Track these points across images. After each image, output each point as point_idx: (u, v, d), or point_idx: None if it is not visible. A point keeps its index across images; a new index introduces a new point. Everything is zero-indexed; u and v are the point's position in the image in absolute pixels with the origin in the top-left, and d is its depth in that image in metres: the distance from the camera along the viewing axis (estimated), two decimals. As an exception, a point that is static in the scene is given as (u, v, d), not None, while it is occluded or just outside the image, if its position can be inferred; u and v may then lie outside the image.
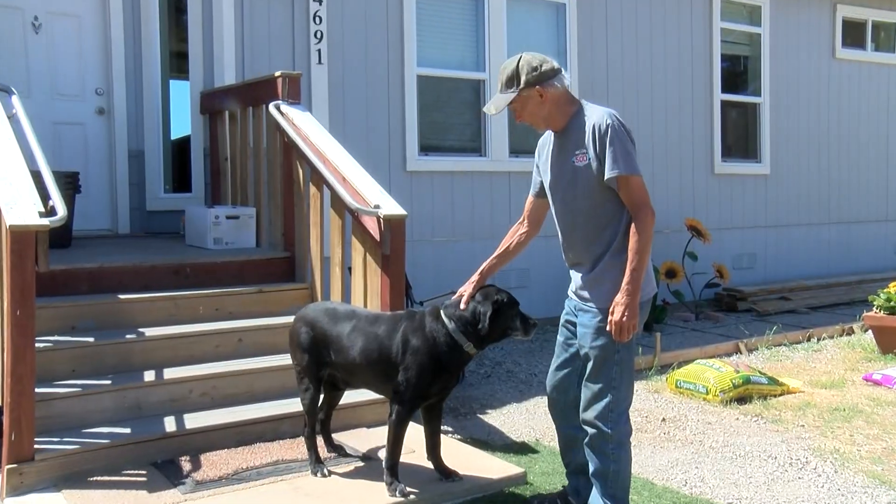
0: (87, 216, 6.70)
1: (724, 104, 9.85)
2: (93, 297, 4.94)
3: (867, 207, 11.30)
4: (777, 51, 10.29)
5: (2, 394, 3.91)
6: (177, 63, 7.53)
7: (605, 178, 3.36)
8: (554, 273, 3.81)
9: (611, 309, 3.38)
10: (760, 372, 6.22)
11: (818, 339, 7.89)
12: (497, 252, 3.83)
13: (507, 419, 5.57)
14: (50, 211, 4.05)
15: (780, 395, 5.99)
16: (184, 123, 7.38)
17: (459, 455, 4.28)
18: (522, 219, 3.84)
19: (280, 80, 5.74)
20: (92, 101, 7.00)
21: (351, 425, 4.69)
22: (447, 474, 3.99)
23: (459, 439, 4.91)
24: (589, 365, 3.52)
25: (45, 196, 4.15)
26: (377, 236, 4.81)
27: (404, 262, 4.89)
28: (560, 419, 3.78)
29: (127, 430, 4.24)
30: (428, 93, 7.87)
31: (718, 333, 8.20)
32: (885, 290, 7.28)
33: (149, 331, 4.86)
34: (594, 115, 3.43)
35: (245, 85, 6.41)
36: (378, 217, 4.75)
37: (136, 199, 7.08)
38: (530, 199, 3.81)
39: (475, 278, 3.80)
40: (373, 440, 4.47)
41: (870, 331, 7.54)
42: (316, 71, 7.13)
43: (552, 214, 3.68)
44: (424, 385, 3.73)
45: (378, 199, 4.83)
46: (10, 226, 3.74)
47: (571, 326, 3.66)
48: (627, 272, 3.34)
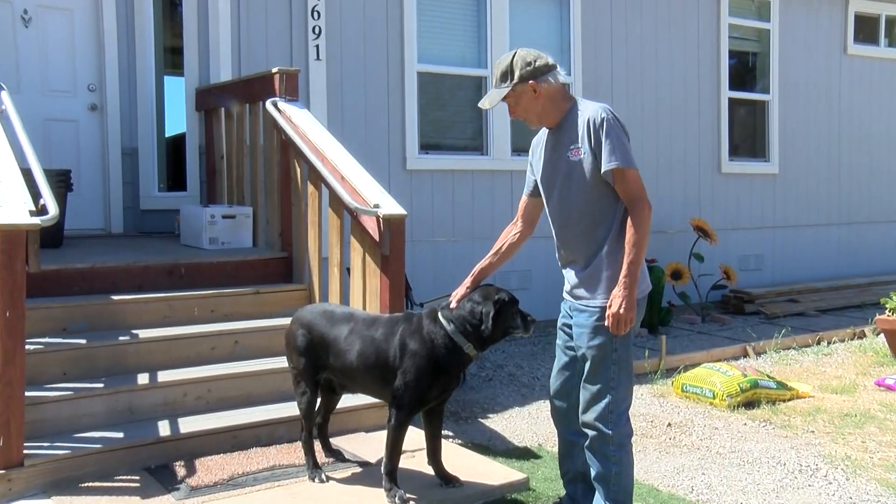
0: (80, 215, 6.70)
1: (732, 102, 9.83)
2: (85, 298, 4.94)
3: (878, 208, 11.29)
4: (786, 47, 10.29)
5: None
6: (171, 58, 7.54)
7: (602, 172, 3.40)
8: (556, 274, 3.80)
9: (608, 302, 3.40)
10: (769, 376, 6.21)
11: (828, 343, 7.88)
12: (490, 253, 3.85)
13: (509, 423, 5.56)
14: (41, 210, 4.04)
15: (790, 400, 5.99)
16: (179, 120, 7.39)
17: (460, 460, 4.27)
18: (516, 219, 3.86)
19: (277, 77, 5.74)
20: (84, 98, 7.00)
21: (349, 429, 4.68)
22: (448, 480, 3.98)
23: (460, 444, 4.91)
24: (586, 365, 3.53)
25: (36, 194, 4.14)
26: (376, 236, 4.80)
27: (404, 263, 4.89)
28: (563, 424, 3.78)
29: (120, 435, 4.23)
30: (428, 90, 7.86)
31: (725, 336, 8.19)
32: (898, 293, 7.27)
33: (142, 332, 4.85)
34: (588, 110, 3.47)
35: (241, 81, 6.41)
36: (377, 217, 4.75)
37: (130, 198, 7.09)
38: (524, 199, 3.83)
39: (468, 281, 3.81)
40: (372, 445, 4.46)
41: (882, 334, 7.52)
42: (314, 67, 7.12)
43: (546, 213, 3.70)
44: (423, 389, 3.72)
45: (377, 199, 4.83)
46: (0, 225, 3.74)
47: (569, 329, 3.67)
48: (624, 265, 3.37)
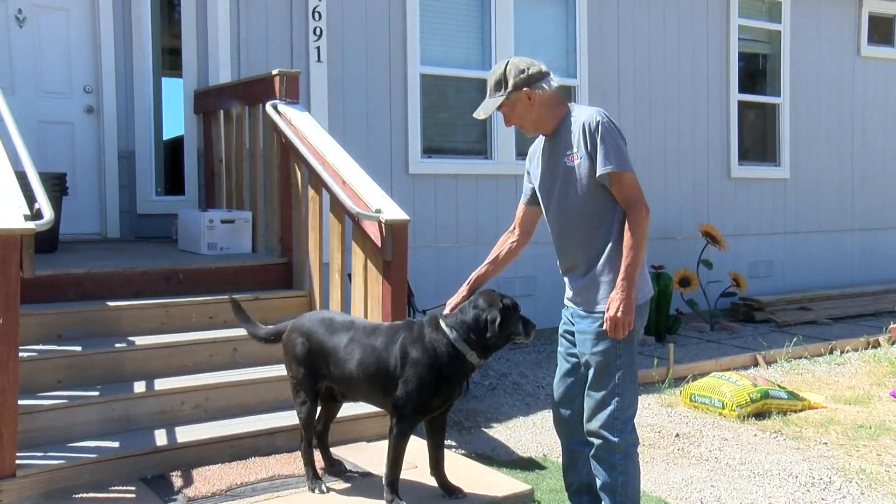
0: (75, 219, 6.71)
1: (742, 105, 9.83)
2: (80, 305, 4.94)
3: (894, 213, 11.25)
4: (798, 48, 10.28)
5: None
6: (169, 60, 7.54)
7: (598, 175, 3.43)
8: (561, 281, 3.80)
9: (606, 306, 3.42)
10: (780, 386, 6.20)
11: (841, 352, 7.86)
12: (487, 261, 3.86)
13: (514, 433, 5.56)
14: (36, 214, 4.04)
15: (801, 411, 5.97)
16: (177, 123, 7.39)
17: (463, 470, 4.27)
18: (513, 227, 3.88)
19: (277, 79, 5.74)
20: (80, 99, 7.01)
21: (350, 439, 4.68)
22: (451, 491, 3.98)
23: (463, 454, 4.90)
24: (590, 373, 3.55)
25: (31, 198, 4.14)
26: (378, 242, 4.81)
27: (406, 269, 4.89)
28: (566, 434, 3.78)
29: (115, 444, 4.24)
30: (431, 92, 7.87)
31: (735, 345, 8.18)
32: (913, 301, 7.27)
33: (139, 339, 4.85)
34: (583, 114, 3.52)
35: (241, 83, 6.41)
36: (379, 222, 4.75)
37: (126, 202, 7.09)
38: (521, 207, 3.86)
39: (464, 289, 3.82)
40: (373, 455, 4.46)
41: (896, 343, 7.53)
42: (315, 69, 7.13)
43: (545, 220, 3.72)
44: (425, 398, 3.72)
45: (379, 203, 4.83)
46: (-5, 229, 3.74)
47: (570, 336, 3.69)
48: (622, 268, 3.40)
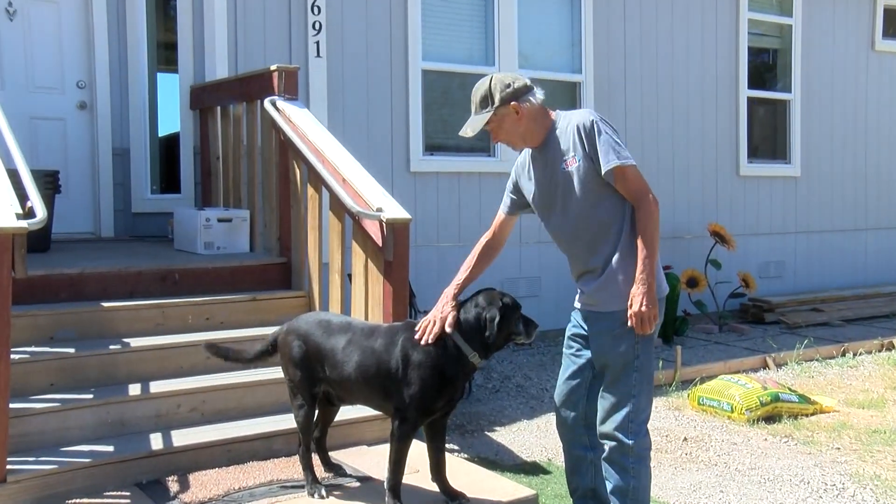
0: (68, 218, 6.71)
1: (751, 101, 9.83)
2: (73, 305, 4.94)
3: (907, 212, 11.26)
4: (809, 43, 10.27)
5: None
6: (165, 55, 7.54)
7: (603, 174, 3.45)
8: (567, 282, 3.81)
9: (629, 302, 3.44)
10: (790, 389, 6.20)
11: (854, 355, 7.86)
12: (468, 268, 3.84)
13: (517, 437, 5.56)
14: (28, 213, 4.04)
15: (813, 415, 5.97)
16: (172, 119, 7.39)
17: (466, 475, 4.26)
18: (491, 232, 3.89)
19: (276, 74, 5.74)
20: (73, 95, 7.02)
21: (350, 443, 4.68)
22: (453, 496, 3.97)
23: (466, 458, 4.91)
24: (607, 374, 3.57)
25: (23, 196, 4.14)
26: (379, 241, 4.81)
27: (408, 269, 4.89)
28: (569, 438, 3.80)
29: (109, 448, 4.23)
30: (433, 88, 7.87)
31: (744, 347, 8.18)
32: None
33: (134, 341, 4.85)
34: (574, 117, 3.55)
35: (238, 79, 6.42)
36: (380, 221, 4.75)
37: (121, 201, 7.10)
38: (501, 216, 3.88)
39: (451, 296, 3.76)
40: (374, 459, 4.46)
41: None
42: (314, 64, 7.14)
43: (551, 235, 3.74)
44: (428, 400, 3.72)
45: (380, 202, 4.83)
46: (-14, 228, 3.74)
47: (579, 339, 3.71)
48: (640, 262, 3.43)
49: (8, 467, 3.85)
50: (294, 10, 7.09)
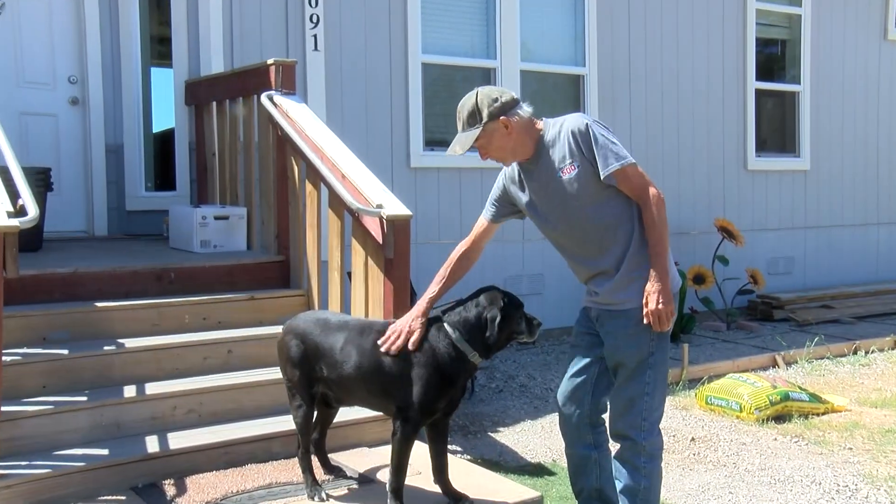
0: (60, 216, 6.71)
1: (759, 93, 9.83)
2: (67, 306, 4.94)
3: (920, 206, 11.24)
4: (819, 33, 10.26)
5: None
6: (159, 49, 7.55)
7: (604, 178, 3.45)
8: (571, 279, 3.81)
9: (644, 300, 3.45)
10: (801, 388, 6.20)
11: (866, 352, 7.85)
12: (441, 283, 3.82)
13: (521, 438, 5.56)
14: (19, 210, 4.05)
15: (824, 414, 5.97)
16: (167, 115, 7.39)
17: (469, 477, 4.27)
18: (469, 242, 3.87)
19: (273, 69, 5.75)
20: (64, 90, 7.01)
21: (351, 444, 4.68)
22: (456, 498, 3.97)
23: (469, 460, 4.91)
24: (620, 372, 3.58)
25: (14, 194, 4.14)
26: (379, 238, 4.81)
27: (409, 267, 4.89)
28: (574, 435, 3.80)
29: (104, 452, 4.23)
30: (434, 82, 7.87)
31: (753, 345, 8.18)
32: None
33: (129, 342, 4.85)
34: (567, 123, 3.53)
35: (234, 73, 6.42)
36: (381, 218, 4.75)
37: (115, 198, 7.09)
38: (484, 223, 3.86)
39: (421, 311, 3.76)
40: (375, 461, 4.46)
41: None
42: (312, 58, 7.13)
43: (552, 242, 3.74)
44: (430, 401, 3.72)
45: (380, 198, 4.83)
46: (-23, 227, 3.75)
47: (588, 337, 3.72)
48: (652, 259, 3.46)
49: (0, 472, 3.85)
50: (291, 3, 7.09)
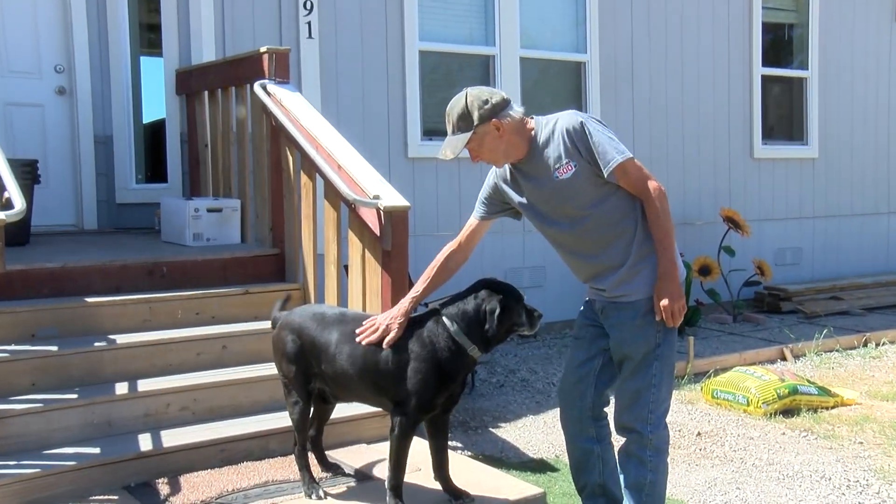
0: (48, 210, 6.71)
1: (766, 79, 9.82)
2: (56, 301, 4.95)
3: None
4: (828, 16, 10.23)
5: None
6: (148, 37, 7.54)
7: (606, 177, 3.45)
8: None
9: (655, 296, 3.47)
10: (809, 381, 6.21)
11: (877, 345, 7.86)
12: (426, 282, 3.82)
13: (523, 433, 5.57)
14: (6, 204, 4.05)
15: (833, 408, 5.98)
16: (157, 105, 7.39)
17: (470, 473, 4.27)
18: (458, 241, 3.87)
19: (266, 57, 5.74)
20: (51, 80, 7.00)
21: (348, 441, 4.69)
22: (457, 495, 3.98)
23: (470, 456, 4.92)
24: (626, 364, 3.59)
25: (0, 187, 4.15)
26: (377, 230, 4.81)
27: (407, 259, 4.89)
28: (575, 429, 3.81)
29: (96, 450, 4.24)
30: (432, 70, 7.86)
31: (760, 337, 8.19)
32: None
33: (120, 338, 4.86)
34: (561, 121, 3.52)
35: (227, 62, 6.40)
36: (378, 209, 4.75)
37: (104, 191, 7.09)
38: (474, 223, 3.86)
39: (402, 311, 3.77)
40: (373, 458, 4.47)
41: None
42: (306, 46, 7.12)
43: (550, 241, 3.74)
44: (429, 396, 3.72)
45: (378, 189, 4.83)
46: (-37, 220, 3.75)
47: (591, 329, 3.73)
48: (659, 255, 3.48)
49: (-11, 472, 3.87)
50: (284, -11, 7.08)
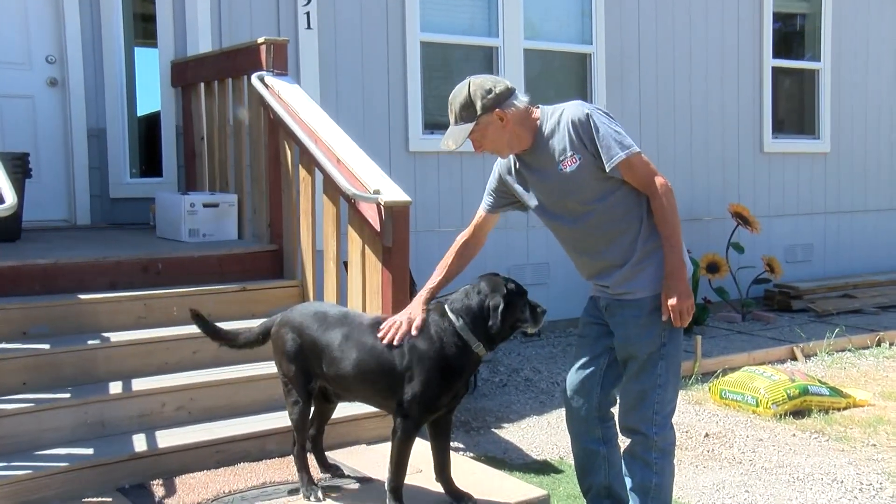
0: (40, 205, 6.71)
1: (776, 71, 9.82)
2: (48, 298, 4.95)
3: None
4: (841, 6, 10.23)
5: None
6: (143, 27, 7.53)
7: (609, 171, 3.45)
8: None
9: (664, 294, 3.47)
10: (820, 381, 6.21)
11: (891, 344, 7.87)
12: (443, 272, 3.85)
13: (527, 434, 5.58)
14: (-4, 198, 4.05)
15: (845, 409, 5.98)
16: (152, 97, 7.38)
17: (472, 475, 4.27)
18: (471, 231, 3.90)
19: (264, 48, 5.74)
20: (42, 71, 6.99)
21: (348, 442, 4.69)
22: (459, 497, 3.98)
23: (472, 457, 4.92)
24: (631, 364, 3.59)
25: (-11, 181, 4.15)
26: (377, 226, 4.81)
27: (408, 256, 4.89)
28: (581, 430, 3.82)
29: (89, 451, 4.24)
30: (433, 61, 7.86)
31: (769, 336, 8.19)
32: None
33: (114, 336, 4.86)
34: (567, 112, 3.52)
35: (223, 53, 6.41)
36: (378, 204, 4.75)
37: (98, 185, 7.09)
38: (482, 215, 3.89)
39: (423, 300, 3.80)
40: (373, 459, 4.47)
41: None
42: (304, 37, 7.12)
43: (554, 234, 3.74)
44: (433, 395, 3.73)
45: (378, 184, 4.83)
46: (-47, 215, 3.75)
47: (596, 327, 3.74)
48: (666, 253, 3.47)
49: (-22, 473, 3.87)
50: (282, -22, 7.09)
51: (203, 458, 4.36)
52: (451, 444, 4.09)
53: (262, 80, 5.65)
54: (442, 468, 4.00)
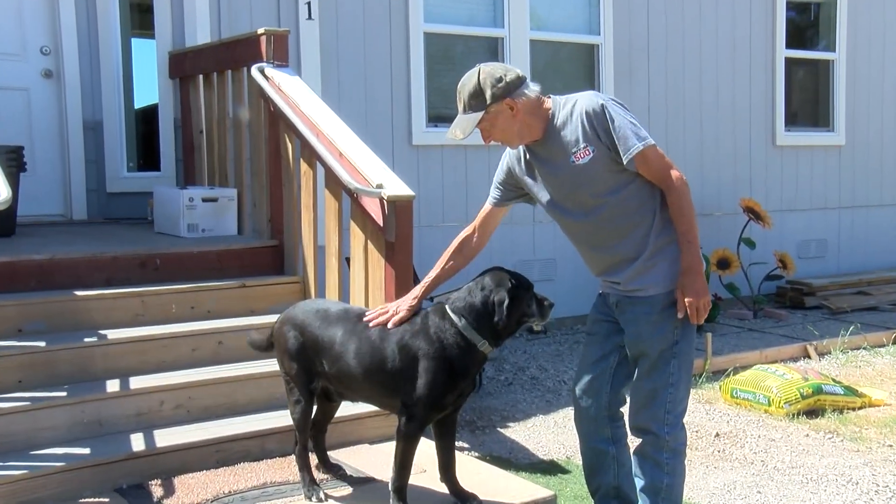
0: (35, 199, 6.72)
1: (790, 62, 9.80)
2: (43, 295, 4.96)
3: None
4: (857, -5, 10.21)
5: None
6: (140, 18, 7.54)
7: (626, 164, 3.43)
8: (584, 264, 3.82)
9: (678, 291, 3.46)
10: (834, 380, 6.21)
11: (906, 342, 7.87)
12: (437, 268, 3.86)
13: (533, 434, 5.59)
14: (-9, 192, 4.06)
15: (860, 409, 5.98)
16: (150, 90, 7.40)
17: (477, 475, 4.28)
18: (473, 228, 3.89)
19: (264, 39, 5.74)
20: (36, 62, 7.00)
21: (351, 441, 4.70)
22: (464, 498, 3.99)
23: (477, 457, 4.93)
24: (642, 362, 3.59)
25: (-17, 175, 4.16)
26: (380, 221, 4.81)
27: (412, 251, 4.89)
28: (590, 429, 3.81)
29: (86, 451, 4.25)
30: (437, 53, 7.86)
31: (782, 334, 8.19)
32: None
33: (111, 333, 4.87)
34: (580, 103, 3.50)
35: (222, 44, 6.41)
36: (381, 198, 4.75)
37: (94, 179, 7.10)
38: (488, 209, 3.88)
39: (415, 295, 3.83)
40: (376, 458, 4.48)
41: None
42: (305, 28, 7.13)
43: (563, 230, 3.74)
44: (437, 395, 3.73)
45: (381, 178, 4.83)
46: (-53, 209, 3.77)
47: (605, 324, 3.73)
48: (682, 247, 3.46)
49: (-28, 473, 3.88)
50: (282, -32, 7.09)
51: (202, 458, 4.38)
52: (456, 444, 4.09)
53: (263, 72, 5.66)
54: (447, 468, 4.01)
